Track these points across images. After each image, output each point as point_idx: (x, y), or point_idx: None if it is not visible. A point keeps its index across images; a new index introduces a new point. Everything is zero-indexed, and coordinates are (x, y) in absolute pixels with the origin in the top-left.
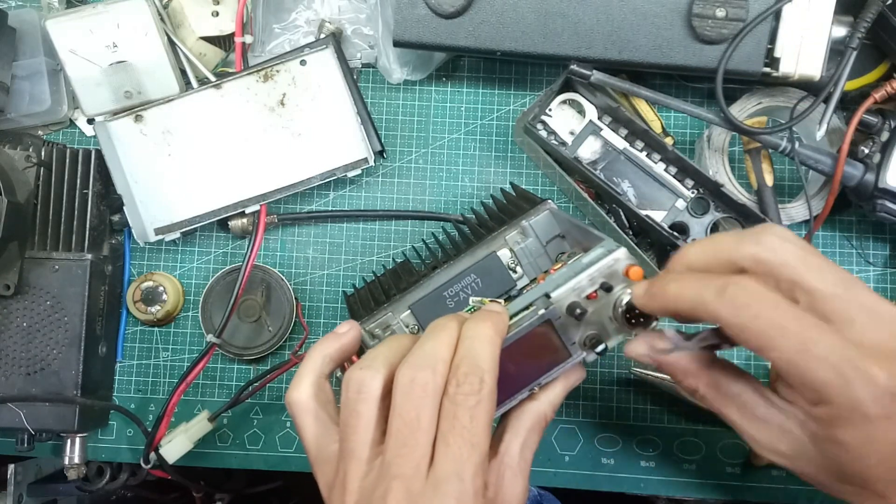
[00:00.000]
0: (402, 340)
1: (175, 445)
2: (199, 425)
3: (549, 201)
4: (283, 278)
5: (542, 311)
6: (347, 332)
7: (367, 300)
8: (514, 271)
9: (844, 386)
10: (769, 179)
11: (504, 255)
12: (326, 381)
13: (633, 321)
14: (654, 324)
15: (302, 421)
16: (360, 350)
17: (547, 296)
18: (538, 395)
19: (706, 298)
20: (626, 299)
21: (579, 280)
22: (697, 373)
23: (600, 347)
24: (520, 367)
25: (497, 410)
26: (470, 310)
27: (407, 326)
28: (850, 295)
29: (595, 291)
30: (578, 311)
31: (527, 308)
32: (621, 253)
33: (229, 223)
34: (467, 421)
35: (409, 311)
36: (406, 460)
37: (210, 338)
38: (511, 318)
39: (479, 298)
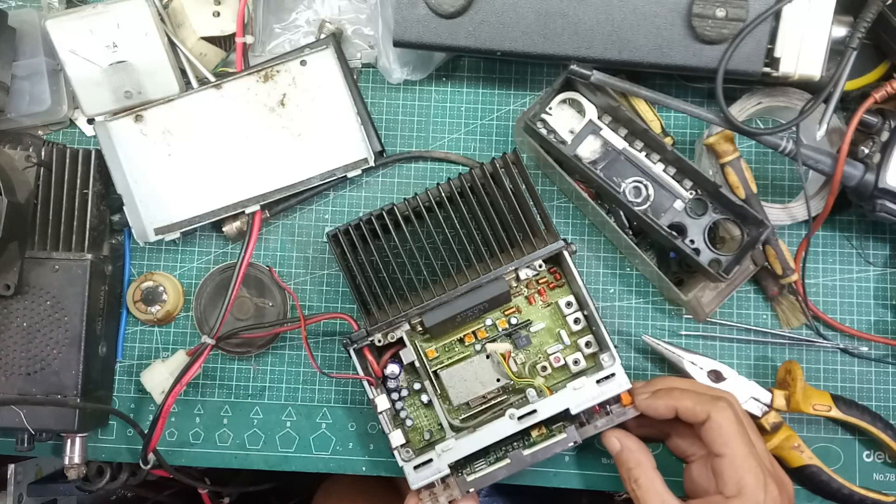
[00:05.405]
0: None
1: (155, 375)
2: (178, 358)
3: (570, 244)
4: (274, 270)
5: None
6: None
7: (374, 290)
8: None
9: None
10: (754, 186)
11: (511, 282)
12: None
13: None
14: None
15: None
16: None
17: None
18: None
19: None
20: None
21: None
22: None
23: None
24: None
25: None
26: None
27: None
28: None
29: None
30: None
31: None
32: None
33: (223, 228)
34: None
35: (419, 318)
36: None
37: (205, 339)
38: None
39: (494, 347)
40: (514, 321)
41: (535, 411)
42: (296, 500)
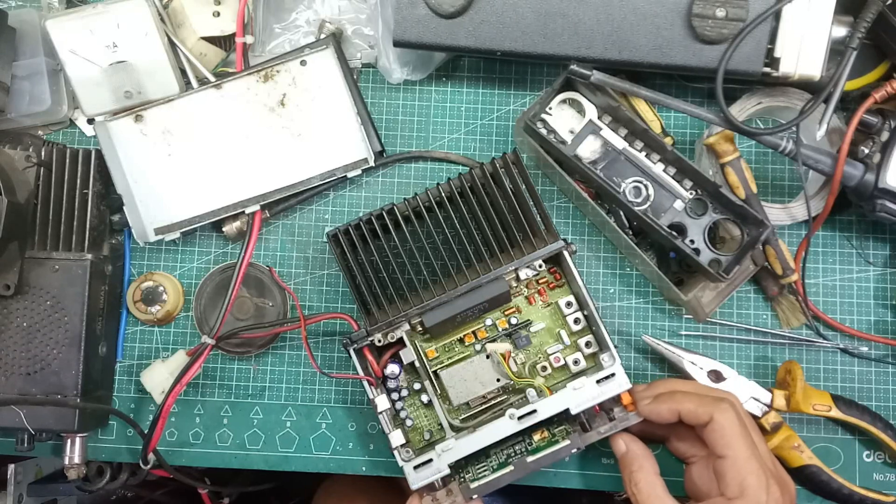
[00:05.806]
0: None
1: (155, 375)
2: (178, 358)
3: (570, 244)
4: (274, 270)
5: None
6: None
7: (374, 290)
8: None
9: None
10: (754, 186)
11: (511, 282)
12: None
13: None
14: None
15: None
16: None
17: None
18: None
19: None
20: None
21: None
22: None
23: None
24: None
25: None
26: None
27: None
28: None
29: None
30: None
31: (552, 422)
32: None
33: (223, 228)
34: None
35: (419, 318)
36: None
37: (205, 339)
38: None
39: (494, 347)
40: (514, 321)
41: (535, 411)
42: (296, 500)
